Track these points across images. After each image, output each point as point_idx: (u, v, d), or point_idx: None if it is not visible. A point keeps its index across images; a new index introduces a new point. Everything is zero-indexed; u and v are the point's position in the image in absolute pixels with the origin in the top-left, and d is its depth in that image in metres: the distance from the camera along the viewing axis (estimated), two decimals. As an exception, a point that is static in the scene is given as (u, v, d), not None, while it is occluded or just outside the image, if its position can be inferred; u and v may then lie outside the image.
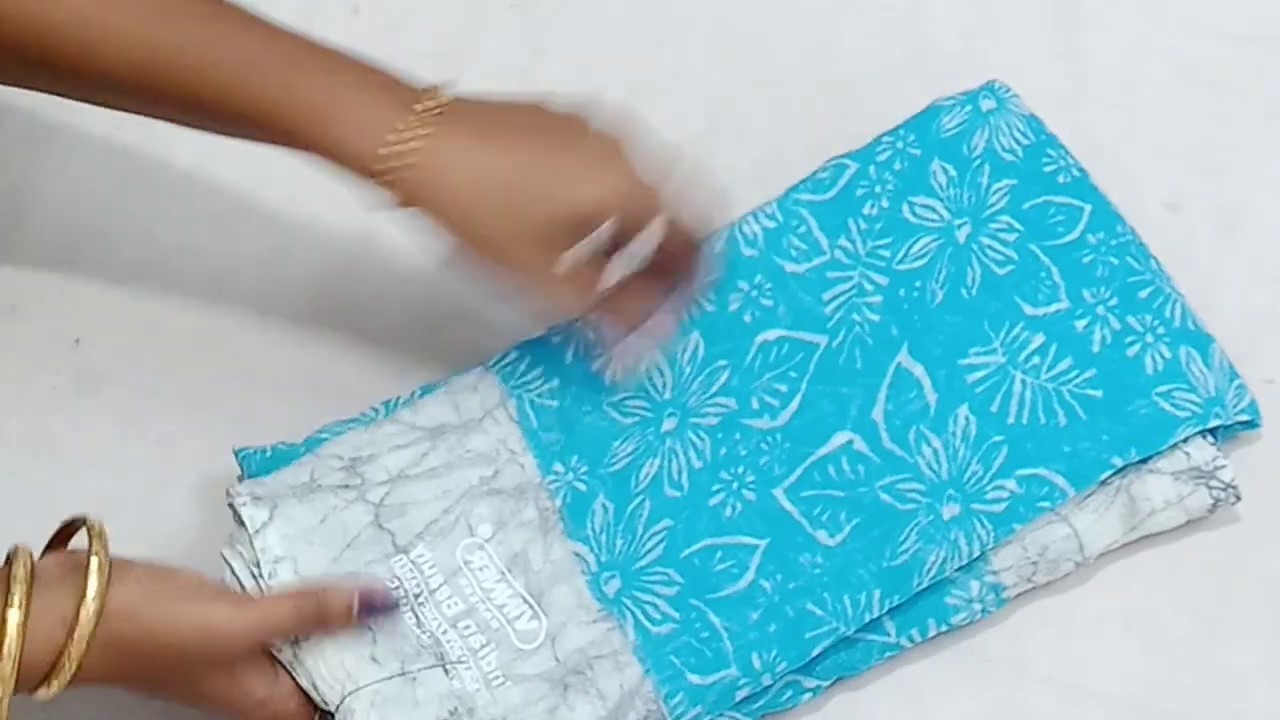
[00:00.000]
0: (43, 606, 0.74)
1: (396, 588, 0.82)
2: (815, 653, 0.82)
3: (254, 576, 0.82)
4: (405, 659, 0.80)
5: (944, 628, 0.84)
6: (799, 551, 0.84)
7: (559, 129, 0.82)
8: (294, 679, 0.80)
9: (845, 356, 0.89)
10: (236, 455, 0.88)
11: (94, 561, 0.75)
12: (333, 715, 0.79)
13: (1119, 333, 0.88)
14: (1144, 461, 0.85)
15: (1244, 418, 0.87)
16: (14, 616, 0.73)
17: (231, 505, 0.83)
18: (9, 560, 0.75)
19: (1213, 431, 0.87)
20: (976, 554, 0.84)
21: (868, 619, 0.83)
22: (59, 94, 0.84)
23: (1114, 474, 0.85)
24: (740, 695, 0.82)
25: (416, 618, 0.82)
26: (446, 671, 0.80)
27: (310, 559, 0.82)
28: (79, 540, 0.77)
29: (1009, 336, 0.88)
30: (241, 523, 0.83)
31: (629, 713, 0.80)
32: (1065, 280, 0.89)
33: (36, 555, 0.76)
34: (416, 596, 0.82)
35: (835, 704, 0.85)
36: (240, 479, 0.87)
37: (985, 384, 0.87)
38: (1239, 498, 0.86)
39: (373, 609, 0.80)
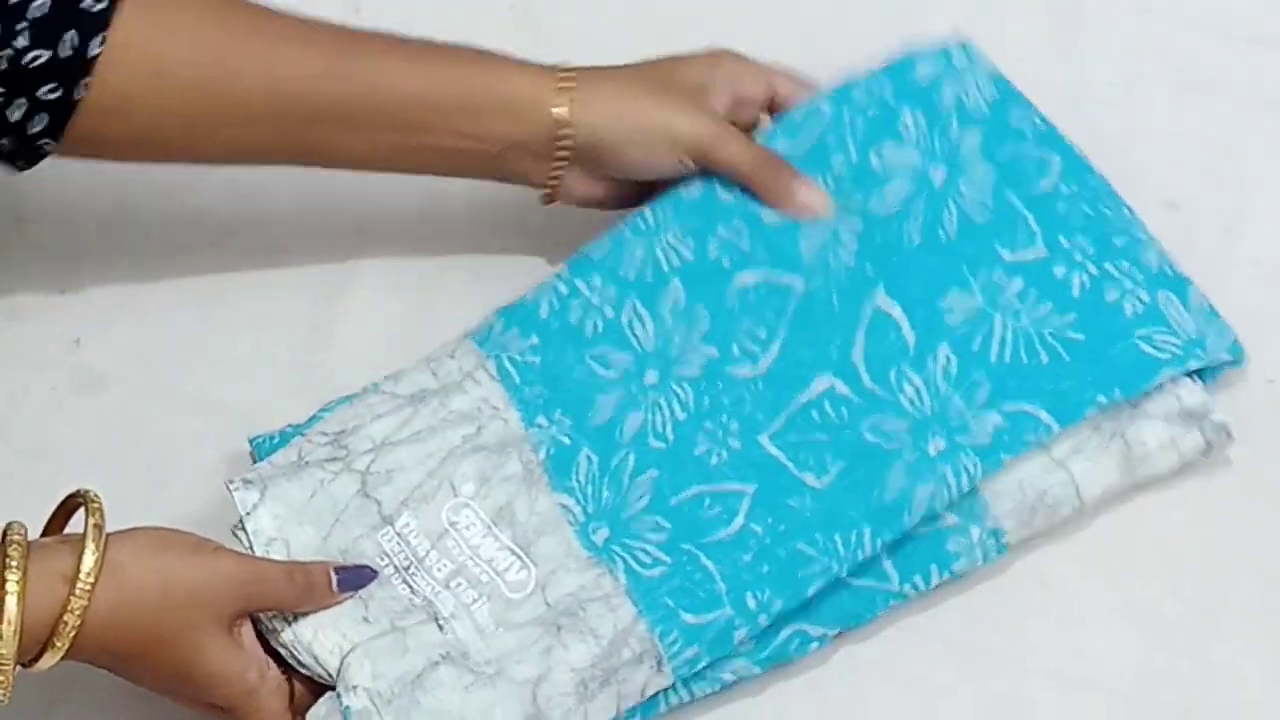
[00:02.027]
0: (41, 568, 0.74)
1: (385, 564, 0.83)
2: (810, 592, 0.82)
3: None
4: (395, 616, 0.81)
5: (946, 574, 0.84)
6: (787, 495, 0.85)
7: (665, 59, 0.94)
8: (292, 667, 0.80)
9: (822, 300, 0.89)
10: (251, 443, 0.88)
11: (90, 522, 0.75)
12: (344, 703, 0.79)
13: (1097, 279, 0.88)
14: (1135, 405, 0.86)
15: (1226, 356, 0.88)
16: (13, 578, 0.73)
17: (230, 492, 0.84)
18: (3, 534, 0.75)
19: (1200, 372, 0.87)
20: (966, 488, 0.84)
21: (861, 557, 0.83)
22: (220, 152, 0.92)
23: (1104, 417, 0.85)
24: (739, 636, 0.82)
25: (410, 586, 0.82)
26: (440, 627, 0.81)
27: (302, 540, 0.83)
28: (77, 525, 0.77)
29: (988, 280, 0.89)
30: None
31: (623, 650, 0.80)
32: (1041, 228, 0.90)
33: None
34: (406, 568, 0.83)
35: (837, 698, 0.85)
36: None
37: (965, 324, 0.88)
38: (1231, 437, 0.87)
39: (349, 582, 0.81)
